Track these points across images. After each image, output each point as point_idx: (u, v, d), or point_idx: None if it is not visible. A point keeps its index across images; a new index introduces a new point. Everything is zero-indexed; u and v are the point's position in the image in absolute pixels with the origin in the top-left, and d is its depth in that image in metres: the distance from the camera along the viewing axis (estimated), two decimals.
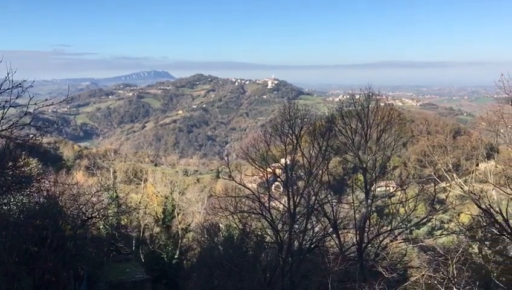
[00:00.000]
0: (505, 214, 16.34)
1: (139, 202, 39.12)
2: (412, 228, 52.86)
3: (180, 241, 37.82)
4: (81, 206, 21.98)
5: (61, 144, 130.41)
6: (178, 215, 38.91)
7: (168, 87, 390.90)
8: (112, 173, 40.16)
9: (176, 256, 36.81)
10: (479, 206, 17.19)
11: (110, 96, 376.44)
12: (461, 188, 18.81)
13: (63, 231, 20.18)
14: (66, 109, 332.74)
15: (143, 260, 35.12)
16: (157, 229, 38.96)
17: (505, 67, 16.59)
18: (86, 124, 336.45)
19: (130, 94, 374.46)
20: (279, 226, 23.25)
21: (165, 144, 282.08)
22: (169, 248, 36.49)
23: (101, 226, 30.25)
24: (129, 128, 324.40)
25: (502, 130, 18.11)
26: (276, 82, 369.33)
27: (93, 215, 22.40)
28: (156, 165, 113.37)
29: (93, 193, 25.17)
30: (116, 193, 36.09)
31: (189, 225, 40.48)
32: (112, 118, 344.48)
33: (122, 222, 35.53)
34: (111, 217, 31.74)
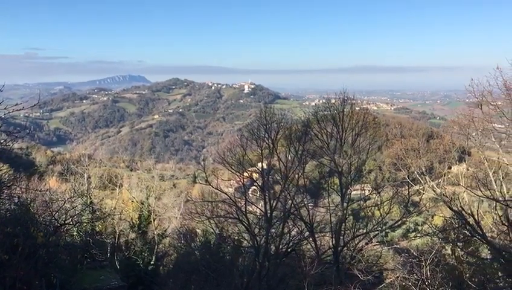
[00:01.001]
0: (476, 216, 16.74)
1: (114, 208, 38.53)
2: (387, 231, 53.55)
3: (156, 247, 37.36)
4: (53, 213, 21.49)
5: (33, 149, 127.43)
6: (154, 220, 38.43)
7: (143, 92, 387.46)
8: (86, 179, 39.39)
9: (152, 262, 36.33)
10: (451, 209, 17.57)
11: (84, 101, 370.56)
12: (434, 190, 19.14)
13: (35, 238, 19.69)
14: (38, 114, 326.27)
15: (118, 267, 34.55)
16: (132, 235, 38.38)
17: (475, 72, 17.08)
18: (59, 129, 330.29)
19: (105, 98, 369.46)
20: (256, 231, 23.24)
21: (140, 149, 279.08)
22: (145, 254, 36.00)
23: (75, 233, 29.68)
24: (104, 133, 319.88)
25: (473, 134, 18.53)
26: (252, 86, 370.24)
27: (66, 221, 21.91)
28: (131, 170, 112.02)
29: (66, 199, 24.68)
30: (90, 198, 35.52)
31: (165, 231, 40.03)
32: (86, 123, 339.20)
33: (97, 228, 34.94)
34: (85, 224, 31.18)
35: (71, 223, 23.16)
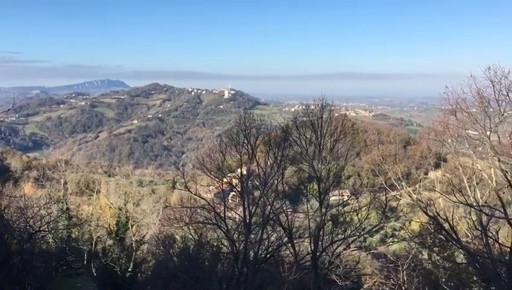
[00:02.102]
0: (451, 221, 17.05)
1: (91, 214, 38.02)
2: (365, 236, 54.12)
3: (134, 253, 36.94)
4: (28, 220, 21.11)
5: (8, 154, 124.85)
6: (132, 227, 38.01)
7: (122, 96, 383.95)
8: (62, 185, 38.83)
9: (129, 269, 35.89)
10: (427, 214, 17.85)
11: (61, 105, 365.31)
12: (410, 196, 19.43)
13: (9, 246, 19.32)
14: (14, 118, 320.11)
15: (95, 274, 34.05)
16: (110, 242, 37.89)
17: (451, 79, 17.39)
18: (36, 133, 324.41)
19: (83, 103, 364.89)
20: (235, 237, 23.18)
21: (119, 155, 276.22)
22: (123, 261, 35.55)
23: (50, 240, 29.18)
24: (81, 139, 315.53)
25: (449, 140, 18.86)
26: (232, 92, 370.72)
27: (41, 228, 21.55)
28: (109, 175, 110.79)
29: (41, 205, 24.29)
30: (66, 204, 35.00)
31: (143, 237, 39.63)
32: (63, 128, 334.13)
33: (73, 235, 34.45)
34: (61, 230, 30.69)
35: (46, 229, 22.80)
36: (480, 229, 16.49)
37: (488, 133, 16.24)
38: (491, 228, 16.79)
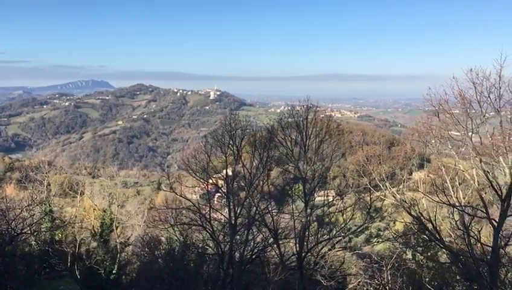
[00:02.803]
0: (434, 222, 17.24)
1: (75, 216, 37.52)
2: (350, 236, 54.39)
3: (118, 255, 36.58)
4: (10, 222, 20.79)
5: None
6: (117, 228, 37.64)
7: (107, 97, 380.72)
8: (45, 186, 38.26)
9: (114, 271, 35.54)
10: (410, 214, 18.03)
11: (44, 106, 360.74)
12: (394, 197, 19.60)
13: None
14: None
15: (78, 277, 33.66)
16: (94, 244, 37.47)
17: (434, 81, 17.60)
18: (18, 134, 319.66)
19: (67, 104, 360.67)
20: (221, 238, 23.13)
21: (103, 156, 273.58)
22: (107, 263, 35.19)
23: (33, 242, 28.77)
24: (65, 140, 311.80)
25: (433, 141, 19.06)
26: (218, 93, 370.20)
27: (23, 230, 21.26)
28: (93, 177, 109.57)
29: (24, 207, 23.91)
30: (49, 206, 34.49)
31: (128, 239, 39.29)
32: (47, 129, 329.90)
33: (57, 237, 34.02)
34: (44, 233, 30.32)
35: (29, 232, 22.51)
36: (462, 229, 16.71)
37: (470, 134, 16.48)
38: (473, 228, 17.02)
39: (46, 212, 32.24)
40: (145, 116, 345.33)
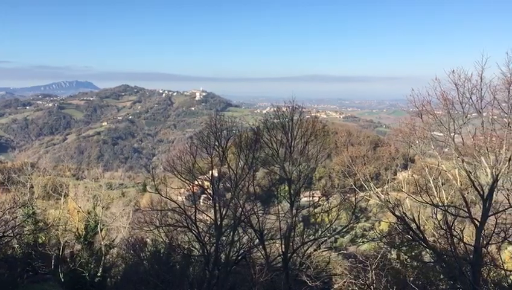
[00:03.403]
0: (418, 221, 17.42)
1: (59, 218, 37.10)
2: (336, 237, 54.69)
3: (103, 258, 36.26)
4: None
5: None
6: (101, 231, 37.32)
7: (91, 98, 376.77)
8: (28, 188, 37.81)
9: (98, 274, 35.21)
10: (394, 214, 18.19)
11: (27, 107, 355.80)
12: (378, 197, 19.77)
13: None
14: None
15: (62, 280, 33.27)
16: (78, 247, 37.07)
17: (419, 81, 17.82)
18: (0, 136, 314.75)
19: (50, 105, 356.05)
20: (206, 239, 23.07)
21: (88, 157, 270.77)
22: (92, 266, 34.83)
23: (16, 245, 28.36)
24: (49, 141, 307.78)
25: (417, 141, 19.26)
26: (204, 94, 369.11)
27: (5, 233, 20.96)
28: (78, 179, 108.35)
29: (6, 209, 23.57)
30: (32, 209, 34.09)
31: (113, 241, 38.98)
32: (30, 130, 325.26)
33: (40, 240, 33.62)
34: (27, 235, 29.91)
35: (11, 234, 22.22)
36: (445, 228, 16.90)
37: (453, 134, 16.71)
38: (456, 228, 17.22)
39: (29, 214, 31.84)
40: (130, 117, 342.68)
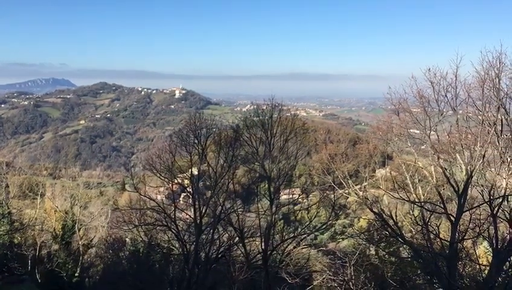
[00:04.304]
0: (395, 218, 17.67)
1: (35, 218, 36.49)
2: (315, 234, 55.14)
3: (81, 258, 35.82)
4: None
5: None
6: (79, 230, 36.82)
7: (68, 96, 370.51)
8: (3, 188, 37.02)
9: (76, 274, 34.77)
10: (372, 211, 18.42)
11: (2, 105, 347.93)
12: (356, 194, 19.99)
13: None
14: None
15: (39, 280, 32.77)
16: (55, 247, 36.52)
17: (398, 79, 18.04)
18: None
19: (26, 103, 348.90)
20: (186, 238, 22.98)
21: (65, 156, 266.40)
22: (69, 266, 34.38)
23: None
24: (24, 140, 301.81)
25: (395, 139, 19.51)
26: (183, 92, 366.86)
27: None
28: (55, 178, 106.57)
29: None
30: (8, 209, 33.44)
31: (91, 241, 38.51)
32: (5, 129, 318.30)
33: (16, 240, 33.00)
34: (2, 236, 29.37)
35: None
36: (422, 224, 17.19)
37: (429, 132, 16.99)
38: (432, 223, 17.52)
39: (3, 214, 31.25)
40: (108, 115, 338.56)
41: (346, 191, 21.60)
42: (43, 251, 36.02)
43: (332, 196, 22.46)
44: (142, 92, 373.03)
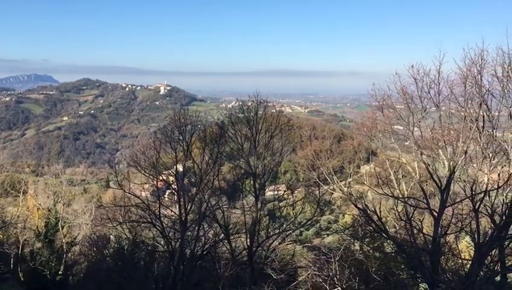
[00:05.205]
0: (379, 213, 17.84)
1: (18, 216, 36.01)
2: (301, 230, 55.38)
3: (65, 256, 35.44)
4: None
5: None
6: (63, 228, 36.43)
7: (51, 92, 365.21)
8: None
9: (60, 272, 34.40)
10: (357, 207, 18.56)
11: None
12: (341, 190, 20.11)
13: None
14: None
15: (22, 279, 32.37)
16: (38, 245, 36.11)
17: (382, 76, 18.19)
18: None
19: (7, 99, 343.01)
20: (171, 235, 22.91)
21: (48, 153, 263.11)
22: (53, 264, 34.00)
23: None
24: (6, 137, 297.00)
25: (379, 135, 19.65)
26: (168, 88, 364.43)
27: None
28: (37, 175, 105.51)
29: None
30: None
31: (75, 238, 38.14)
32: None
33: None
34: None
35: None
36: (405, 220, 17.37)
37: (412, 128, 17.16)
38: (415, 219, 17.72)
39: None
40: (92, 111, 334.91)
41: (331, 187, 21.70)
42: (26, 249, 35.60)
43: (318, 192, 22.54)
44: (127, 88, 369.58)
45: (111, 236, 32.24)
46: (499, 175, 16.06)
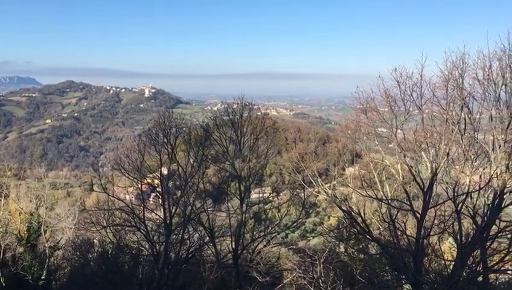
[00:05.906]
0: (363, 215, 17.97)
1: None
2: (286, 232, 55.43)
3: (47, 260, 34.89)
4: None
5: None
6: (45, 232, 35.88)
7: (34, 94, 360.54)
8: None
9: (42, 277, 33.85)
10: (341, 209, 18.67)
11: None
12: (325, 192, 20.23)
13: None
14: None
15: (3, 284, 31.76)
16: (20, 249, 35.51)
17: (366, 79, 18.32)
18: None
19: None
20: (155, 238, 22.75)
21: (30, 156, 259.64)
22: (35, 269, 33.43)
23: None
24: None
25: (364, 137, 19.82)
26: (153, 90, 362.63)
27: None
28: (19, 179, 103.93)
29: None
30: None
31: (58, 243, 37.59)
32: None
33: None
34: None
35: None
36: (389, 221, 17.52)
37: (395, 130, 17.35)
38: (399, 220, 17.88)
39: None
40: (75, 114, 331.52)
41: (316, 189, 21.78)
42: (8, 254, 34.96)
43: (303, 194, 22.63)
44: (111, 91, 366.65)
45: (95, 240, 31.88)
46: (480, 177, 16.34)
